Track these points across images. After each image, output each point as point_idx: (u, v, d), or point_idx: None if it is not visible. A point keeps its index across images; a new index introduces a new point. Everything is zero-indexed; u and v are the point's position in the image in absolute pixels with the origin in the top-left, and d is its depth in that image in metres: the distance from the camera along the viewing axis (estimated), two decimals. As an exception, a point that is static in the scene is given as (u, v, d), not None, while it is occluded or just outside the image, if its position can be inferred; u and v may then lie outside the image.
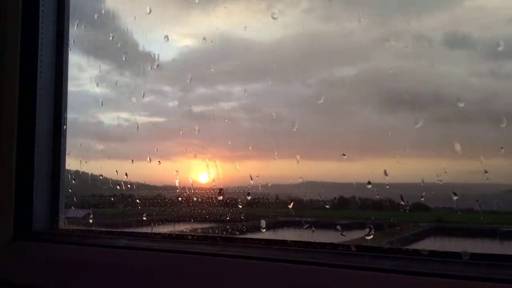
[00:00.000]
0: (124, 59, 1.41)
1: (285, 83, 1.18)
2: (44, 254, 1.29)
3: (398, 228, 1.02)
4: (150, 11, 1.32)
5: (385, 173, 0.96)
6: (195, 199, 1.26)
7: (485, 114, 0.96)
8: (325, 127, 1.16)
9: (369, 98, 1.10)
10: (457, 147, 0.88)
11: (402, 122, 1.01)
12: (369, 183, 1.00)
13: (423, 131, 0.94)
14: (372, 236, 0.96)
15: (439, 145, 0.96)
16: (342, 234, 1.01)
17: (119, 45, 1.41)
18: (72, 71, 1.48)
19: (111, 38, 1.42)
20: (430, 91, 0.99)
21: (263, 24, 1.18)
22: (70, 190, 1.45)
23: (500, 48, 0.87)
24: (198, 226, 1.25)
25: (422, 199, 0.95)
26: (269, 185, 1.14)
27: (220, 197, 1.18)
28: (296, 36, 1.17)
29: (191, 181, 1.26)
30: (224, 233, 1.18)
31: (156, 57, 1.35)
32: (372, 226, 0.97)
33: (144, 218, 1.34)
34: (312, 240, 1.01)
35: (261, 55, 1.25)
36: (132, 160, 1.33)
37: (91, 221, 1.43)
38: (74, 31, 1.48)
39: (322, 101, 1.07)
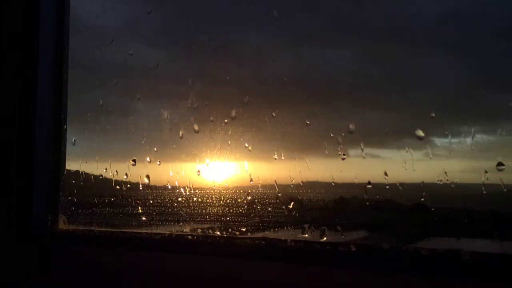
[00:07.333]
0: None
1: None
2: (44, 254, 1.29)
3: (398, 228, 1.03)
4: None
5: (385, 174, 0.97)
6: (195, 199, 1.26)
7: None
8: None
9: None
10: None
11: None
12: (369, 183, 1.00)
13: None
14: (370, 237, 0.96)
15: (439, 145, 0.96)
16: (342, 235, 1.01)
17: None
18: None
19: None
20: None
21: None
22: (69, 191, 1.44)
23: None
24: (198, 226, 1.25)
25: (422, 199, 0.95)
26: (269, 185, 1.14)
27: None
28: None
29: (191, 183, 1.26)
30: (224, 233, 1.18)
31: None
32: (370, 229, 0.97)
33: (144, 218, 1.34)
34: (312, 240, 1.01)
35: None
36: (133, 160, 1.33)
37: (91, 221, 1.43)
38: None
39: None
